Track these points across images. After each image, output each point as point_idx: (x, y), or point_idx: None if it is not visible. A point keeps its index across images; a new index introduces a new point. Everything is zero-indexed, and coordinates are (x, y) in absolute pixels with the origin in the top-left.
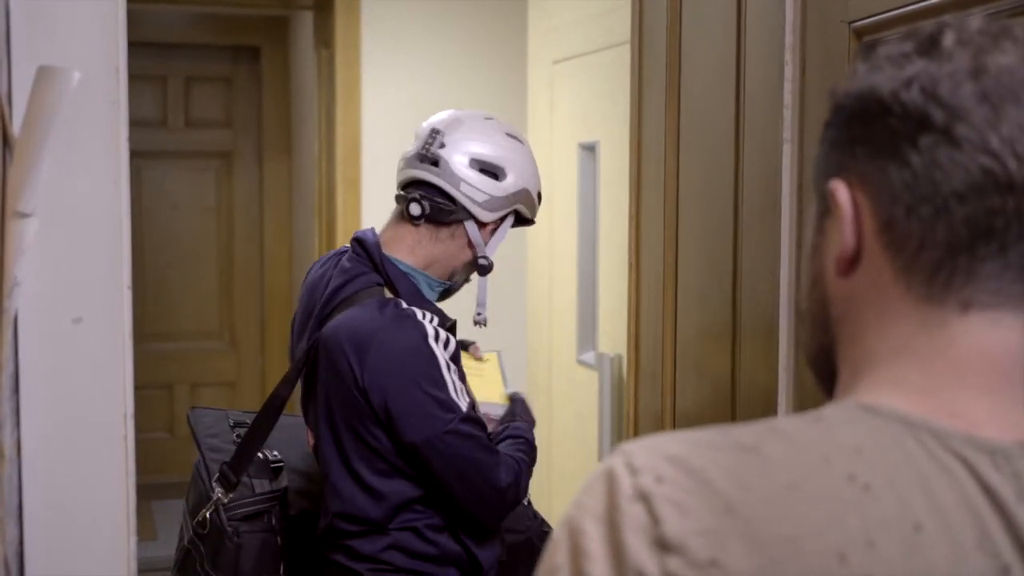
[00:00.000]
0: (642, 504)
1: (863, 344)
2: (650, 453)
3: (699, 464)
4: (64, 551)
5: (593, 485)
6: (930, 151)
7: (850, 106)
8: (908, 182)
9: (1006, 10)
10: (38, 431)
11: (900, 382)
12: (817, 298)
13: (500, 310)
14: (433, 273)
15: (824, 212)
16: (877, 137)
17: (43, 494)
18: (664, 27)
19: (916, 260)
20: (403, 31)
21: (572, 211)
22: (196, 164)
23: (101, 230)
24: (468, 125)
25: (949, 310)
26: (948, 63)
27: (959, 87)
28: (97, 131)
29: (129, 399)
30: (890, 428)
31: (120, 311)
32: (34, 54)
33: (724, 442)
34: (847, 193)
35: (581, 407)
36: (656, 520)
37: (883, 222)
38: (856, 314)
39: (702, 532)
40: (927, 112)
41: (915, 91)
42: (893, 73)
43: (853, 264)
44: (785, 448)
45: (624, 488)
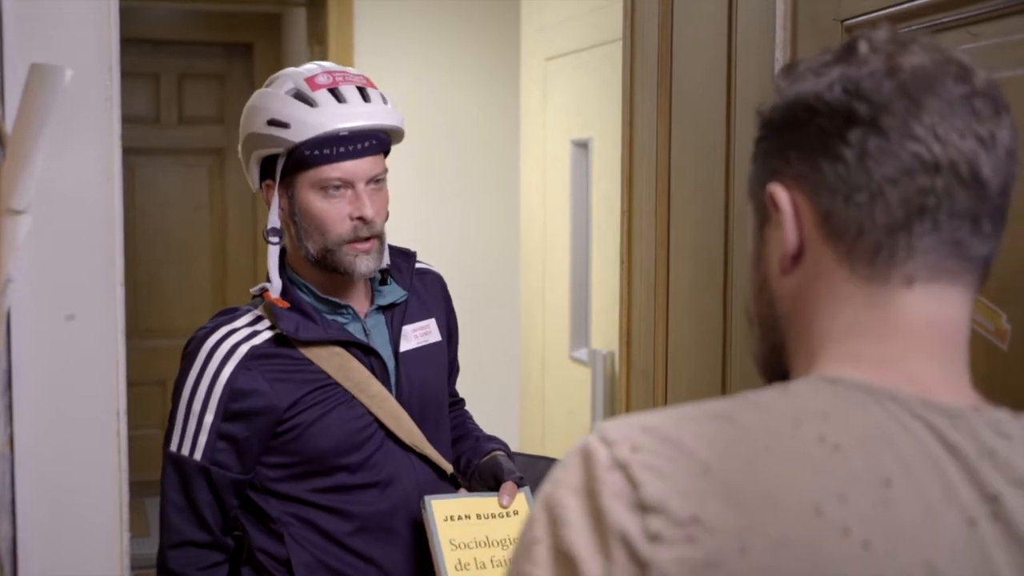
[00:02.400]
0: (619, 472)
1: (815, 330)
2: (624, 427)
3: (674, 433)
4: (57, 547)
5: (568, 461)
6: (860, 143)
7: (778, 117)
8: (842, 174)
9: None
10: (31, 428)
11: (857, 356)
12: (765, 301)
13: (493, 306)
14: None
15: (763, 221)
16: (808, 139)
17: (36, 491)
18: (656, 24)
19: (857, 244)
20: (396, 27)
21: (565, 208)
22: (189, 161)
23: (94, 227)
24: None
25: (894, 286)
26: (865, 65)
27: (879, 84)
28: (90, 128)
29: (122, 395)
30: (854, 395)
31: (113, 308)
32: (27, 51)
33: (698, 414)
34: (786, 194)
35: (574, 403)
36: (635, 484)
37: (822, 215)
38: (804, 306)
39: (682, 492)
40: (852, 108)
41: (838, 91)
42: (815, 80)
43: (796, 261)
44: (757, 415)
45: (601, 459)
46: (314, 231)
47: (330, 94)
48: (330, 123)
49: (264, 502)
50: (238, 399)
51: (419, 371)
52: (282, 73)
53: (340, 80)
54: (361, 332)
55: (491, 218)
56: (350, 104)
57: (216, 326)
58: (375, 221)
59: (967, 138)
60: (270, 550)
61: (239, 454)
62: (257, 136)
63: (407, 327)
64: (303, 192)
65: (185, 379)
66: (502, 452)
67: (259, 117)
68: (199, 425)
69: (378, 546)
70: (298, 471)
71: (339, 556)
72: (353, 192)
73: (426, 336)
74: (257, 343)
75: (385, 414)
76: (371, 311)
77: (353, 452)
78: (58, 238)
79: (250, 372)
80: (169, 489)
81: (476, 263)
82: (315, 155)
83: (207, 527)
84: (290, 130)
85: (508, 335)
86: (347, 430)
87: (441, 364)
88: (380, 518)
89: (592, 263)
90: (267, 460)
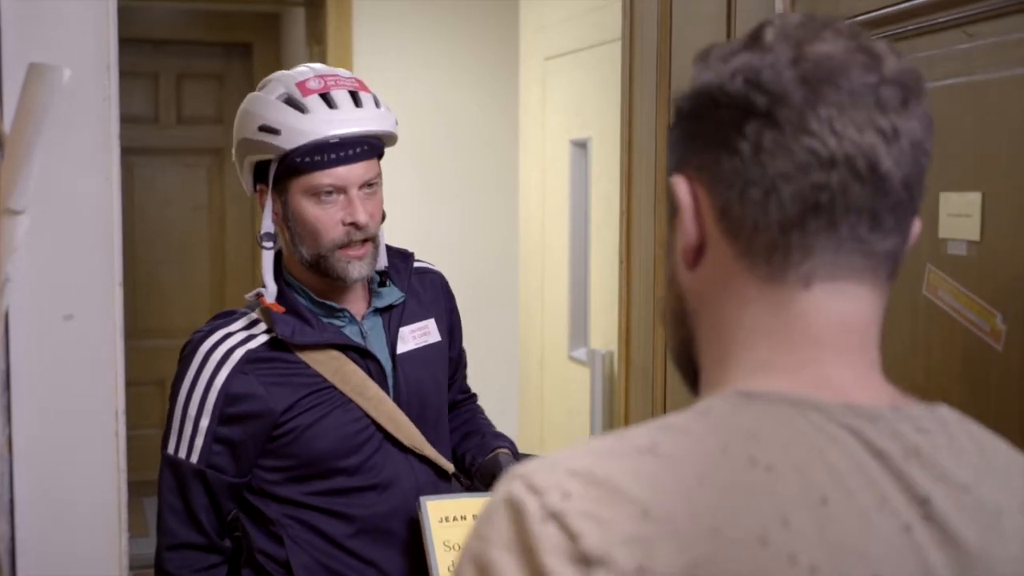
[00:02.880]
0: (554, 523)
1: (721, 333)
2: (549, 471)
3: (603, 473)
4: (56, 548)
5: (493, 515)
6: (755, 136)
7: (686, 106)
8: (738, 168)
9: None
10: (29, 428)
11: (767, 364)
12: (674, 294)
13: (492, 306)
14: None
15: (673, 212)
16: (709, 129)
17: (34, 491)
18: (655, 24)
19: (753, 242)
20: (395, 27)
21: (564, 207)
22: (188, 160)
23: (93, 227)
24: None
25: (792, 287)
26: (770, 53)
27: (780, 74)
28: (89, 128)
29: (121, 395)
30: (776, 410)
31: (111, 307)
32: (25, 51)
33: (621, 448)
34: (686, 186)
35: (573, 403)
36: (573, 536)
37: (720, 209)
38: (709, 304)
39: (625, 541)
40: (750, 99)
41: (739, 81)
42: (720, 68)
43: (698, 255)
44: (681, 443)
45: (531, 510)
46: (307, 236)
47: (321, 99)
48: (320, 130)
49: (263, 505)
50: (234, 403)
51: (417, 373)
52: (274, 77)
53: (332, 84)
54: (358, 335)
55: (490, 218)
56: (341, 110)
57: (212, 329)
58: (368, 226)
59: (866, 131)
60: (270, 552)
61: (235, 457)
62: (249, 142)
63: (404, 329)
64: (296, 198)
65: (181, 382)
66: (506, 450)
67: (251, 123)
68: (195, 428)
69: (378, 548)
70: (296, 474)
71: (339, 558)
72: (346, 197)
73: (425, 337)
74: (253, 347)
75: (383, 416)
76: (368, 313)
77: (351, 455)
78: (56, 238)
79: (246, 376)
80: (166, 492)
81: (475, 263)
82: (306, 162)
83: (203, 530)
84: (281, 137)
85: (507, 335)
86: (344, 433)
87: (440, 365)
88: (379, 520)
89: (591, 263)
90: (264, 463)
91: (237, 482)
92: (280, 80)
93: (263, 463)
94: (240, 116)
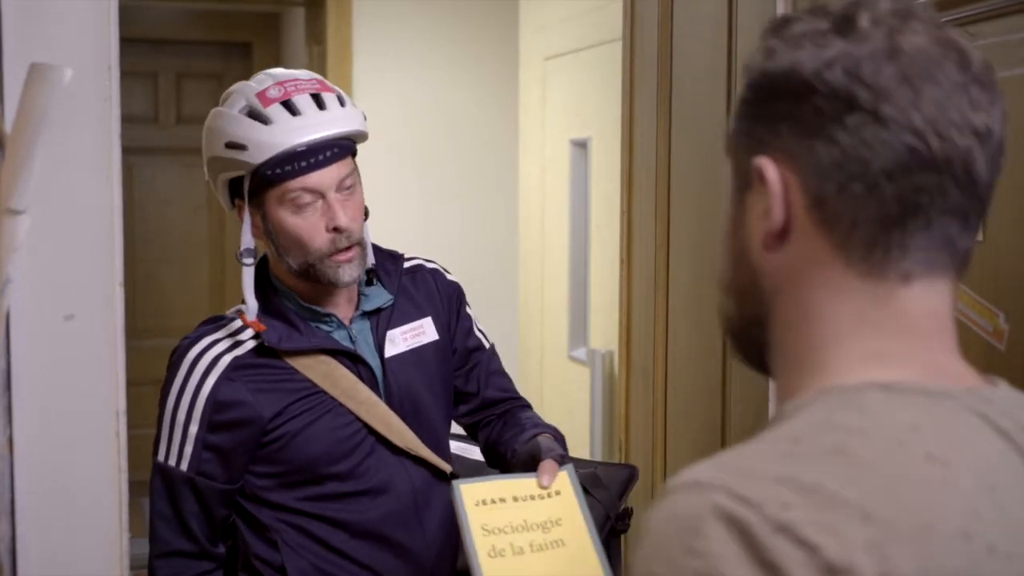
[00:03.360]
0: (784, 535)
1: (812, 320)
2: (752, 480)
3: (811, 479)
4: (57, 548)
5: (702, 528)
6: (857, 130)
7: (771, 84)
8: (837, 160)
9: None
10: (30, 428)
11: (878, 355)
12: (746, 272)
13: (492, 306)
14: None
15: (744, 187)
16: (803, 116)
17: (35, 491)
18: (656, 24)
19: (851, 236)
20: (395, 27)
21: (564, 207)
22: (187, 160)
23: (93, 227)
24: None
25: (892, 283)
26: (866, 43)
27: (880, 68)
28: (89, 128)
29: (121, 395)
30: (920, 401)
31: (112, 308)
32: (26, 51)
33: (810, 451)
34: (775, 170)
35: (573, 403)
36: (812, 548)
37: (814, 199)
38: (796, 289)
39: (862, 547)
40: (853, 92)
41: (838, 71)
42: (814, 52)
43: (781, 239)
44: (861, 442)
45: (755, 523)
46: (292, 247)
47: (283, 108)
48: (286, 140)
49: (257, 511)
50: (221, 410)
51: (408, 376)
52: (234, 89)
53: (292, 91)
54: (347, 339)
55: (490, 217)
56: (305, 115)
57: (199, 336)
58: (352, 229)
59: (965, 134)
60: (265, 557)
61: (225, 464)
62: (218, 159)
63: (393, 331)
64: (273, 209)
65: (169, 390)
66: (548, 435)
67: (217, 140)
68: (184, 436)
69: (375, 553)
70: (288, 480)
71: (335, 562)
72: (324, 202)
73: (418, 338)
74: (240, 353)
75: (375, 419)
76: (356, 316)
77: (342, 460)
78: (57, 238)
79: (233, 383)
80: (156, 499)
81: (475, 262)
82: (278, 173)
83: (193, 537)
84: (248, 152)
85: (507, 334)
86: (335, 438)
87: (438, 364)
88: (374, 525)
89: (591, 262)
90: (255, 469)
91: (228, 488)
92: (240, 92)
93: (255, 469)
94: (206, 134)
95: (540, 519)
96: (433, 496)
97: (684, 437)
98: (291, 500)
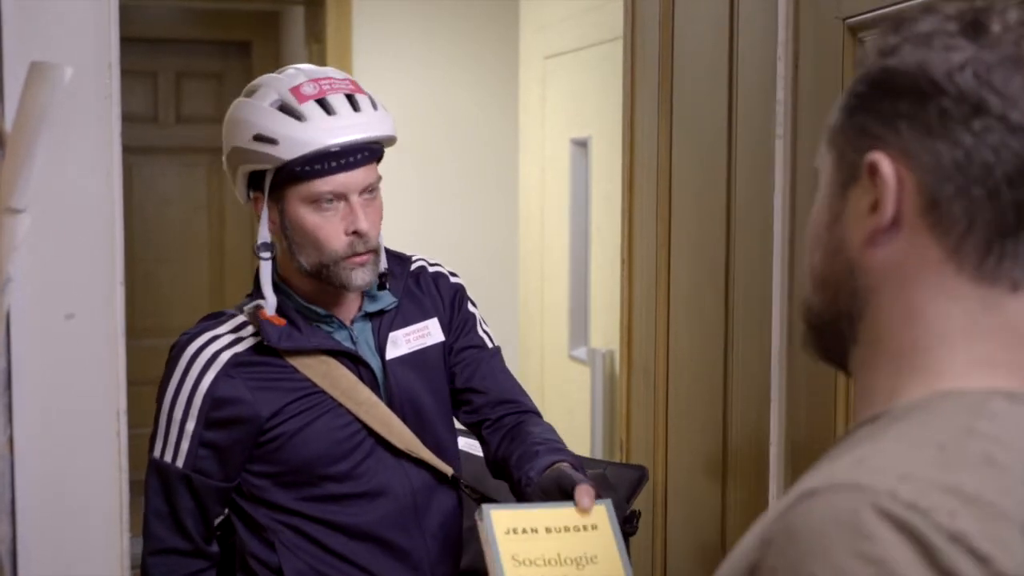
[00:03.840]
0: (957, 545)
1: (921, 322)
2: (914, 485)
3: (973, 489)
4: (57, 548)
5: (873, 532)
6: (984, 134)
7: (894, 81)
8: (960, 163)
9: None
10: (30, 427)
11: (993, 362)
12: (842, 267)
13: (492, 305)
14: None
15: (849, 181)
16: (927, 116)
17: (36, 490)
18: (657, 23)
19: (965, 241)
20: (394, 26)
21: (564, 206)
22: (187, 160)
23: (94, 226)
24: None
25: (1001, 291)
26: (996, 49)
27: (1011, 76)
28: (90, 126)
29: (122, 395)
30: None
31: (113, 307)
32: (26, 49)
33: (961, 459)
34: (891, 167)
35: (573, 403)
36: (983, 559)
37: (929, 200)
38: (900, 288)
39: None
40: (983, 97)
41: (968, 75)
42: (943, 54)
43: (887, 236)
44: (1004, 453)
45: (926, 530)
46: (308, 246)
47: (318, 105)
48: (321, 139)
49: (253, 510)
50: (219, 407)
51: (409, 377)
52: (263, 82)
53: (327, 89)
54: (348, 340)
55: (490, 217)
56: (340, 116)
57: (199, 332)
58: (370, 235)
59: None
60: (262, 557)
61: (221, 462)
62: (243, 151)
63: (396, 333)
64: (294, 206)
65: (167, 385)
66: (568, 463)
67: (244, 131)
68: (180, 432)
69: (373, 556)
70: (285, 480)
71: (333, 564)
72: (347, 205)
73: (422, 339)
74: (240, 350)
75: (375, 420)
76: (358, 318)
77: (340, 461)
78: (58, 237)
79: (232, 380)
80: (152, 496)
81: (475, 261)
82: (306, 170)
83: (188, 535)
84: (279, 147)
85: (507, 334)
86: (333, 439)
87: (443, 366)
88: (372, 528)
89: (591, 261)
90: (253, 468)
91: (224, 486)
92: (271, 85)
93: (252, 468)
94: (231, 124)
95: (575, 554)
96: (433, 499)
97: (685, 437)
98: (288, 500)
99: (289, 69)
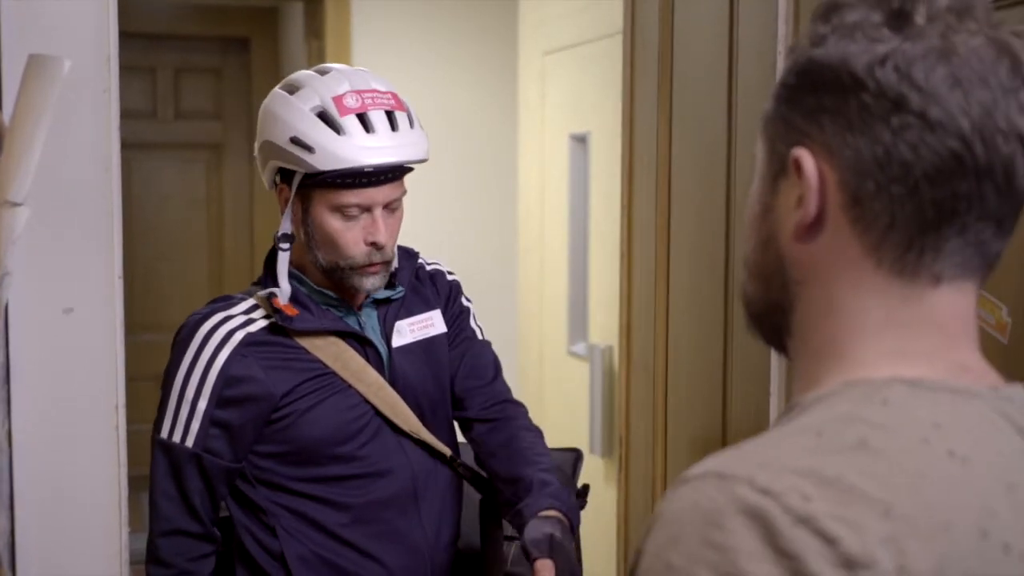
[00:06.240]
0: (804, 527)
1: (840, 316)
2: (774, 471)
3: (833, 472)
4: (56, 542)
5: (724, 522)
6: (903, 132)
7: (818, 73)
8: (880, 160)
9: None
10: (29, 422)
11: (907, 352)
12: (772, 258)
13: (490, 301)
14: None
15: (779, 172)
16: (848, 111)
17: (34, 485)
18: (656, 18)
19: (886, 238)
20: (393, 21)
21: (563, 202)
22: (186, 156)
23: (92, 220)
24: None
25: (922, 284)
26: (920, 41)
27: (933, 70)
28: (88, 120)
29: (121, 390)
30: (944, 398)
31: (111, 301)
32: (25, 42)
33: (832, 444)
34: (813, 163)
35: (572, 398)
36: (830, 540)
37: (851, 196)
38: (823, 283)
39: (881, 541)
40: (903, 93)
41: (889, 70)
42: (866, 46)
43: (812, 231)
44: (883, 437)
45: (775, 515)
46: (326, 247)
47: (358, 121)
48: (357, 157)
49: (253, 492)
50: (233, 385)
51: (413, 365)
52: (306, 82)
53: (369, 104)
54: (356, 324)
55: (489, 212)
56: (378, 135)
57: (211, 312)
58: (387, 247)
59: (1010, 140)
60: (264, 543)
61: (232, 441)
62: (277, 148)
63: (402, 322)
64: (319, 209)
65: (178, 365)
66: (559, 513)
67: (281, 130)
68: (192, 411)
69: (374, 538)
70: (290, 459)
71: (334, 548)
72: (369, 216)
73: (426, 329)
74: (253, 330)
75: (382, 402)
76: (365, 304)
77: (347, 442)
78: (56, 231)
79: (245, 359)
80: (159, 477)
81: (474, 257)
82: (336, 182)
83: (198, 516)
84: (315, 156)
85: (505, 330)
86: (342, 419)
87: (443, 356)
88: (374, 509)
89: (590, 257)
90: (258, 449)
91: (233, 467)
92: (314, 88)
93: (257, 449)
94: (268, 117)
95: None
96: (431, 482)
97: (684, 432)
98: (291, 481)
99: (333, 71)
